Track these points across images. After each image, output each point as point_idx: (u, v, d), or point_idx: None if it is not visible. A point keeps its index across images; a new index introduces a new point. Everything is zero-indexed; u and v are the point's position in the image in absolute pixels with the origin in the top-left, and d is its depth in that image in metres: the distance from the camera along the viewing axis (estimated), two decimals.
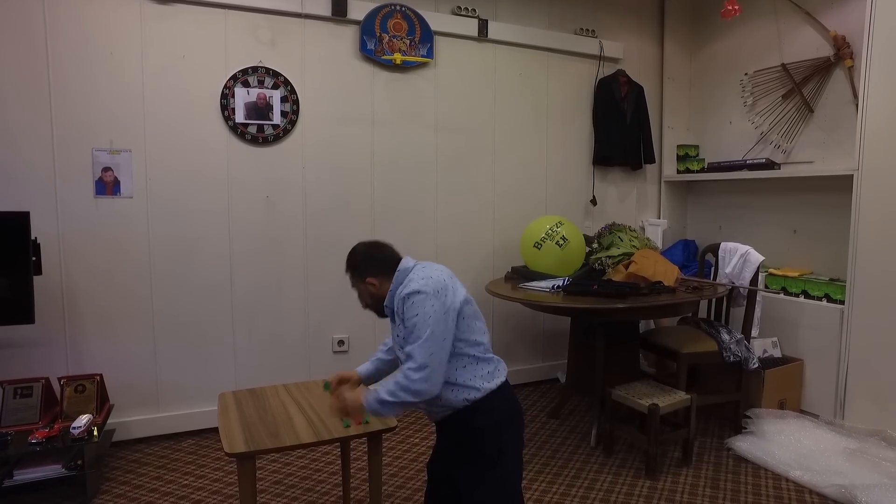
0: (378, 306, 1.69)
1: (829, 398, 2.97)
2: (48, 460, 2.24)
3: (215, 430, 2.90)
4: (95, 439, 2.29)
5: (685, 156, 4.01)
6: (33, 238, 2.35)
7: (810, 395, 3.08)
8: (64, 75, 2.57)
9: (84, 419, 2.30)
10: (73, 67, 2.59)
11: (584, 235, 3.28)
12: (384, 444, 2.19)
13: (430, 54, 3.23)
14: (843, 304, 2.91)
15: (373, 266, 1.64)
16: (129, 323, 2.75)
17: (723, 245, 3.18)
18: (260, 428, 1.74)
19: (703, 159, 3.92)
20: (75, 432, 2.23)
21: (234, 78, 2.85)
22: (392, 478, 2.51)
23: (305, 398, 1.99)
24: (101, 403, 2.51)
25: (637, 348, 3.17)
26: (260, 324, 3.01)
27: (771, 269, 3.37)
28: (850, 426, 2.81)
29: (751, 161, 3.50)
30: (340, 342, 3.19)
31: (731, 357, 2.87)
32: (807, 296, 3.15)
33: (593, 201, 3.82)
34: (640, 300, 2.65)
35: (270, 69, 2.92)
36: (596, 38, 3.75)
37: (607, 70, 3.81)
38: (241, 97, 2.87)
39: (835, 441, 2.67)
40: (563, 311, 3.01)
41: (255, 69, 2.89)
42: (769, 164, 3.40)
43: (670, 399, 2.59)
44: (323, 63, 3.04)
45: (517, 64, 3.54)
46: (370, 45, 3.09)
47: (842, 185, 2.96)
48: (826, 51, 3.13)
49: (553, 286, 2.84)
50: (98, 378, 2.51)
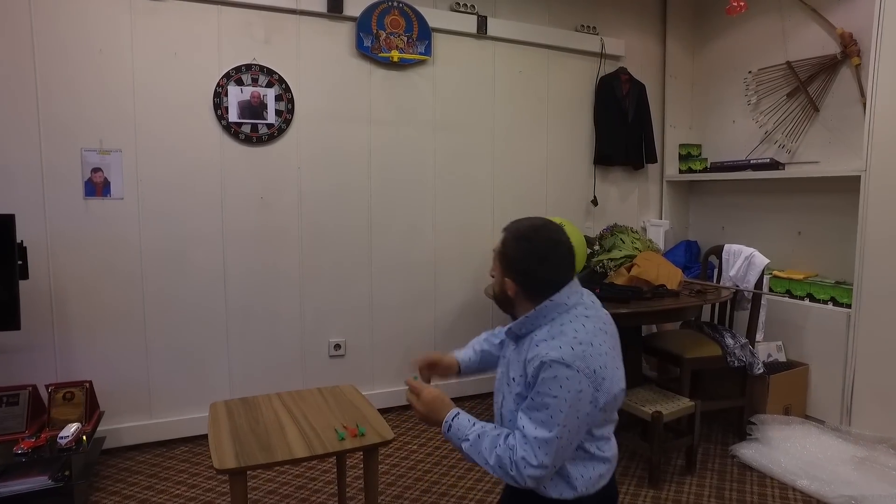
0: (502, 305, 1.36)
1: (836, 404, 2.91)
2: (34, 471, 2.17)
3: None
4: (84, 449, 2.22)
5: (687, 155, 3.95)
6: (19, 241, 2.28)
7: (816, 401, 3.02)
8: (51, 72, 2.50)
9: (72, 428, 2.24)
10: (60, 64, 2.51)
11: (585, 237, 3.21)
12: (381, 450, 2.12)
13: (428, 52, 3.16)
14: (849, 308, 2.86)
15: (523, 276, 1.25)
16: (120, 327, 2.68)
17: (727, 247, 3.12)
18: (251, 440, 1.67)
19: (706, 159, 3.85)
20: (63, 442, 2.16)
21: (227, 76, 2.78)
22: (389, 487, 2.46)
23: (299, 407, 1.93)
24: (91, 411, 2.45)
25: (639, 353, 3.11)
26: (254, 327, 2.94)
27: (775, 272, 3.31)
28: (857, 433, 2.75)
29: (755, 161, 3.44)
30: (337, 346, 3.12)
31: (736, 362, 2.81)
32: (812, 299, 3.09)
33: (594, 202, 3.76)
34: (643, 305, 2.59)
35: (265, 67, 2.85)
36: (597, 35, 3.68)
37: (608, 68, 3.74)
38: (235, 96, 2.80)
39: (842, 449, 2.61)
40: None
41: (248, 67, 2.82)
42: (774, 165, 3.33)
43: (674, 406, 2.53)
44: (318, 60, 2.97)
45: (517, 61, 3.47)
46: (367, 43, 3.02)
47: (848, 186, 2.90)
48: (832, 48, 3.06)
49: None
50: (87, 385, 2.44)
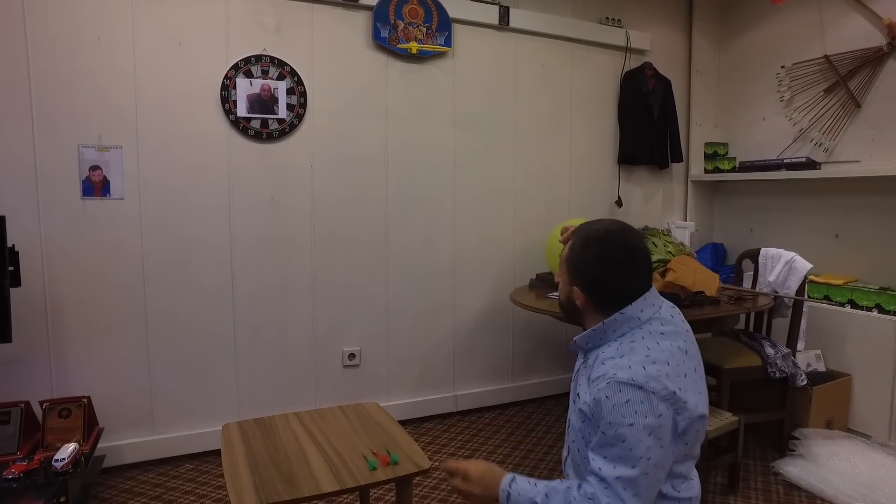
0: (569, 315, 1.26)
1: (883, 417, 2.75)
2: (27, 497, 1.97)
3: (215, 452, 2.66)
4: (82, 472, 2.03)
5: (714, 154, 3.78)
6: (10, 245, 2.09)
7: (860, 414, 2.86)
8: (45, 63, 2.31)
9: (69, 449, 2.05)
10: (55, 54, 2.32)
11: None
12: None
13: (448, 43, 2.98)
14: None
15: (592, 286, 1.14)
16: (121, 337, 2.50)
17: (763, 251, 2.95)
18: (271, 471, 1.49)
19: (734, 158, 3.68)
20: (59, 465, 1.97)
21: (235, 67, 2.59)
22: None
23: (321, 430, 1.75)
24: (89, 429, 2.26)
25: None
26: (264, 336, 2.75)
27: (811, 276, 3.14)
28: None
29: (789, 160, 3.27)
30: (351, 355, 2.94)
31: (777, 373, 2.64)
32: (854, 305, 2.92)
33: (619, 202, 3.59)
34: (683, 314, 2.41)
35: (275, 58, 2.66)
36: (622, 28, 3.51)
37: (633, 63, 3.57)
38: (244, 89, 2.61)
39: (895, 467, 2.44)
40: None
41: (258, 58, 2.63)
42: (810, 164, 3.17)
43: (717, 421, 2.35)
44: (333, 52, 2.78)
45: (539, 55, 3.29)
46: (384, 33, 2.84)
47: (891, 186, 2.73)
48: (877, 40, 2.89)
49: None
50: (85, 401, 2.25)
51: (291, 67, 2.69)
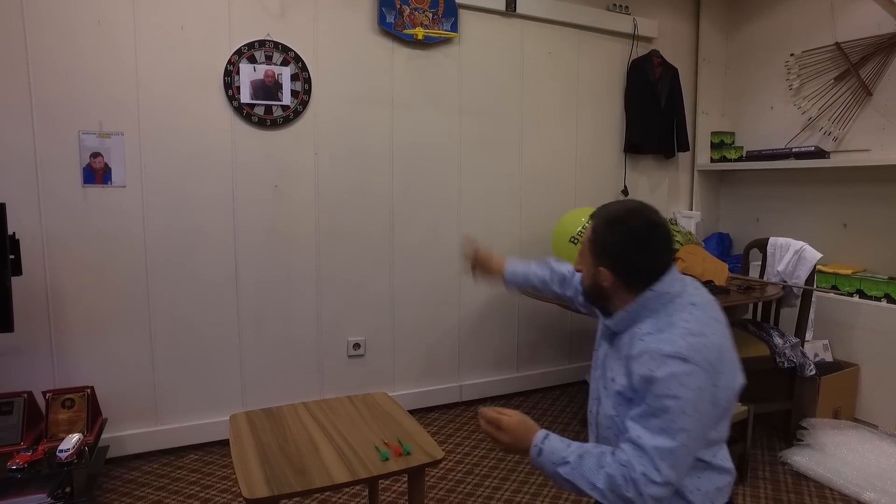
0: (595, 300, 1.21)
1: (890, 407, 2.74)
2: (31, 488, 1.96)
3: (220, 443, 2.64)
4: (86, 463, 2.01)
5: (720, 143, 3.74)
6: (11, 233, 2.04)
7: (867, 404, 2.85)
8: (43, 47, 2.25)
9: (73, 439, 2.02)
10: (54, 38, 2.27)
11: None
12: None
13: (454, 29, 2.93)
14: None
15: (621, 263, 1.11)
16: (124, 327, 2.46)
17: (772, 240, 2.92)
18: (282, 462, 1.46)
19: (741, 147, 3.65)
20: (63, 456, 1.95)
21: (238, 53, 2.54)
22: None
23: (330, 420, 1.72)
24: (93, 419, 2.23)
25: None
26: (268, 326, 2.72)
27: (819, 266, 3.12)
28: None
29: (797, 149, 3.24)
30: (356, 345, 2.91)
31: (786, 363, 2.62)
32: (862, 295, 2.90)
33: (625, 192, 3.55)
34: None
35: (279, 43, 2.61)
36: (629, 14, 3.46)
37: (640, 50, 3.52)
38: (247, 74, 2.56)
39: None
40: None
41: (262, 43, 2.58)
42: (819, 153, 3.13)
43: None
44: (338, 37, 2.73)
45: (546, 42, 3.24)
46: (389, 18, 2.78)
47: None
48: (891, 27, 2.85)
49: None
50: (88, 391, 2.22)
51: (296, 53, 2.64)
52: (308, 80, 2.67)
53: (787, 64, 3.35)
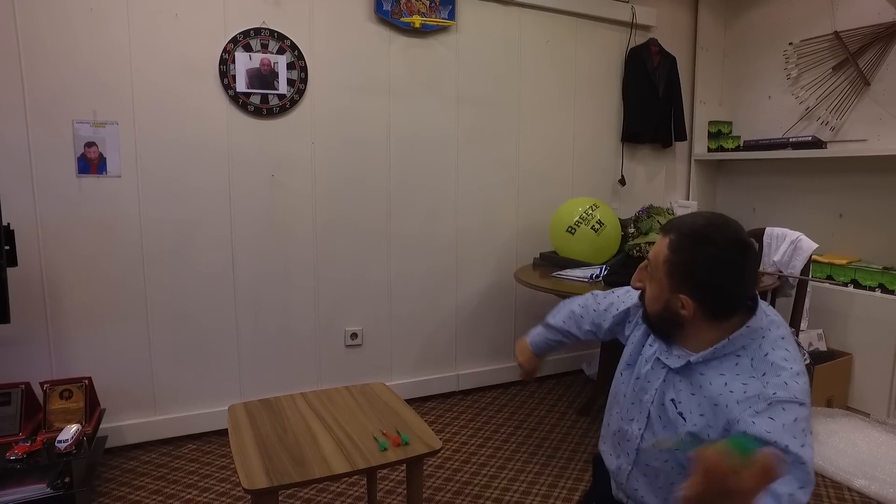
0: (660, 328, 1.08)
1: (882, 396, 2.77)
2: (30, 479, 1.97)
3: (218, 433, 2.65)
4: (85, 453, 2.01)
5: (717, 133, 3.74)
6: (6, 224, 2.03)
7: (859, 392, 2.88)
8: (35, 34, 2.22)
9: (72, 430, 2.03)
10: (46, 25, 2.24)
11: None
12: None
13: (451, 17, 2.90)
14: None
15: (709, 293, 0.98)
16: (121, 317, 2.46)
17: (768, 230, 2.93)
18: (281, 452, 1.47)
19: (738, 137, 3.65)
20: (62, 446, 1.95)
21: (234, 41, 2.51)
22: (427, 502, 2.26)
23: (329, 411, 1.73)
24: (91, 409, 2.23)
25: None
26: (265, 316, 2.73)
27: (814, 256, 3.13)
28: None
29: (794, 139, 3.24)
30: (353, 335, 2.92)
31: None
32: (857, 285, 2.92)
33: (622, 181, 3.55)
34: None
35: (275, 31, 2.58)
36: (627, 2, 3.43)
37: (638, 39, 3.50)
38: (243, 63, 2.54)
39: (894, 445, 2.47)
40: None
41: (257, 31, 2.55)
42: (816, 143, 3.13)
43: None
44: (334, 25, 2.70)
45: (544, 30, 3.22)
46: (386, 6, 2.75)
47: None
48: (890, 15, 2.84)
49: (591, 275, 2.58)
50: (87, 381, 2.23)
51: (292, 41, 2.61)
52: (304, 69, 2.65)
53: (786, 53, 3.34)
